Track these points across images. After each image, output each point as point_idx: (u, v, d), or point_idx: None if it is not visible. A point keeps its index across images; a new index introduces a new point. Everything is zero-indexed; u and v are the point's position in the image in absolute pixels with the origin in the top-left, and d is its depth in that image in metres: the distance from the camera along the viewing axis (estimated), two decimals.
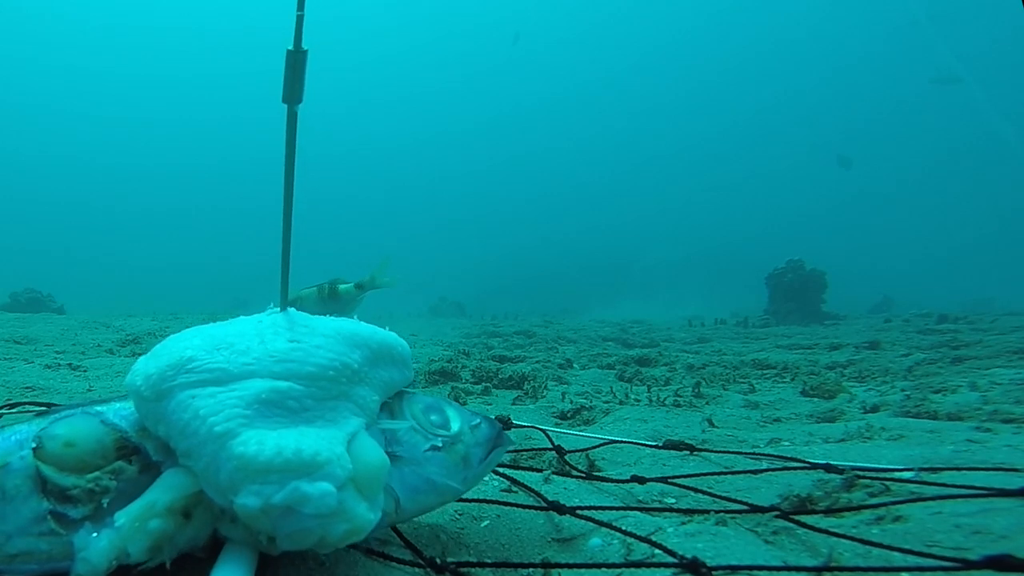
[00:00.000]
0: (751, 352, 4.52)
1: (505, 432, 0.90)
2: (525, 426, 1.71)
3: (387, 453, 0.75)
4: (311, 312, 0.88)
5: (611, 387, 2.73)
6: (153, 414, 0.72)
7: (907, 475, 1.15)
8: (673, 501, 1.11)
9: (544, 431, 1.57)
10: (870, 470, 1.16)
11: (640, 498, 1.12)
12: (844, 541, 0.86)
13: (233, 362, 0.74)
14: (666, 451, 1.44)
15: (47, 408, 0.87)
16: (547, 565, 0.79)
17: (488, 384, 2.78)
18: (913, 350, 4.20)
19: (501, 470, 1.19)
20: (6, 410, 1.66)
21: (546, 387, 2.72)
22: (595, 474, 1.29)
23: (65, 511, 0.67)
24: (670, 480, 1.16)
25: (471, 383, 2.85)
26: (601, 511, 0.98)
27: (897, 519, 0.96)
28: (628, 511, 1.01)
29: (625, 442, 1.51)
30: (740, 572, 0.74)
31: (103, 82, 42.80)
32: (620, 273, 23.65)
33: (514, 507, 1.00)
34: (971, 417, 1.86)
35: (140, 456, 0.73)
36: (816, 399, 2.40)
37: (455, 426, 0.86)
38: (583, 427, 2.05)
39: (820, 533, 0.89)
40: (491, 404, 2.45)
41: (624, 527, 0.88)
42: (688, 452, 1.41)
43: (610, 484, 1.20)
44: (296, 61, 0.78)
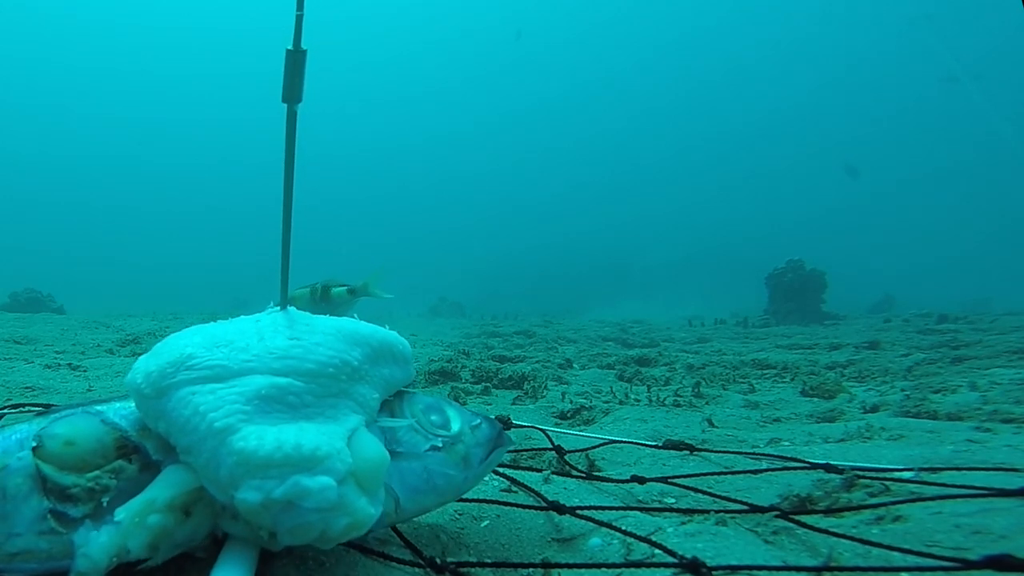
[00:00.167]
0: (751, 352, 4.51)
1: (505, 432, 0.90)
2: (525, 426, 1.71)
3: (387, 451, 0.75)
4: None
5: (611, 387, 2.73)
6: (153, 411, 0.72)
7: (907, 475, 1.15)
8: (673, 501, 1.11)
9: (544, 431, 1.57)
10: (870, 470, 1.16)
11: (640, 498, 1.12)
12: (844, 541, 0.86)
13: (233, 359, 0.74)
14: (666, 451, 1.44)
15: (47, 408, 0.87)
16: (547, 565, 0.79)
17: (488, 384, 2.78)
18: (913, 350, 4.20)
19: (501, 470, 1.19)
20: (6, 410, 1.66)
21: (546, 387, 2.72)
22: (595, 474, 1.28)
23: (65, 510, 0.67)
24: (670, 480, 1.16)
25: (471, 383, 2.85)
26: (601, 511, 0.98)
27: (897, 519, 0.96)
28: (628, 511, 1.01)
29: (625, 442, 1.51)
30: (740, 572, 0.74)
31: (103, 82, 42.85)
32: (620, 273, 23.66)
33: (514, 507, 1.00)
34: (971, 417, 1.86)
35: (140, 455, 0.73)
36: (816, 399, 2.40)
37: (455, 426, 0.86)
38: (583, 427, 2.04)
39: (820, 533, 0.89)
40: (491, 404, 2.45)
41: (624, 527, 0.88)
42: (688, 452, 1.41)
43: (610, 484, 1.20)
44: (296, 61, 0.78)
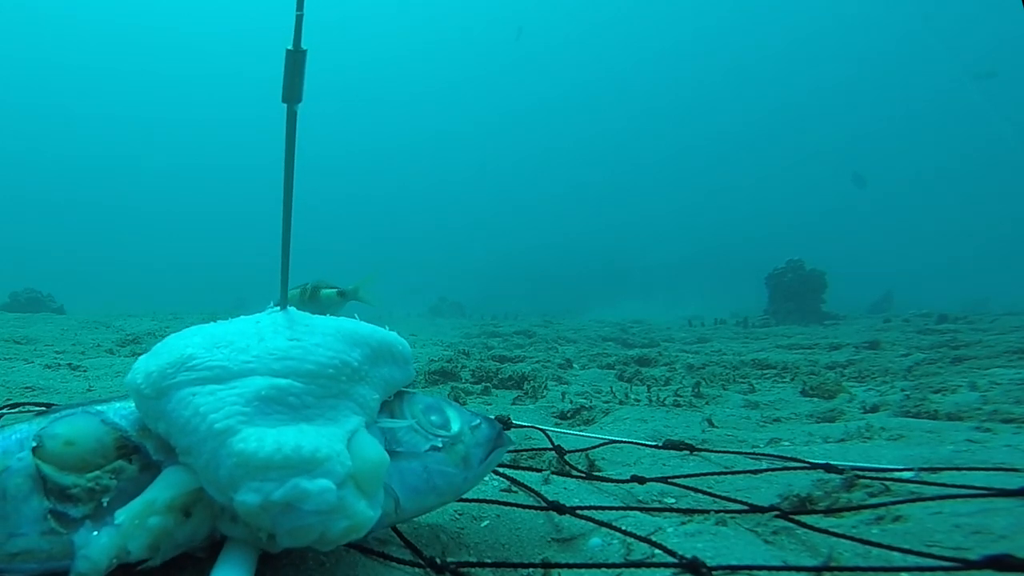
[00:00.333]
0: (751, 352, 4.52)
1: (505, 432, 0.90)
2: (525, 426, 1.71)
3: (387, 452, 0.75)
4: None
5: (611, 387, 2.73)
6: (153, 412, 0.72)
7: (907, 475, 1.15)
8: (673, 501, 1.11)
9: (544, 431, 1.57)
10: (870, 470, 1.16)
11: (640, 498, 1.12)
12: (844, 541, 0.86)
13: (233, 360, 0.74)
14: (666, 451, 1.44)
15: (47, 408, 0.87)
16: (547, 565, 0.79)
17: (488, 384, 2.78)
18: (913, 350, 4.20)
19: (501, 470, 1.19)
20: (6, 410, 1.66)
21: (546, 387, 2.72)
22: (595, 474, 1.28)
23: (65, 510, 0.67)
24: (670, 480, 1.16)
25: (471, 383, 2.85)
26: (601, 511, 0.98)
27: (897, 519, 0.96)
28: (628, 511, 1.01)
29: (625, 442, 1.51)
30: (740, 572, 0.74)
31: (103, 82, 42.84)
32: (620, 273, 23.65)
33: (514, 507, 1.00)
34: (971, 417, 1.86)
35: (140, 455, 0.73)
36: (816, 399, 2.40)
37: (455, 426, 0.86)
38: (583, 427, 2.05)
39: (820, 533, 0.89)
40: (491, 404, 2.45)
41: (624, 527, 0.88)
42: (688, 452, 1.41)
43: (610, 484, 1.20)
44: (296, 61, 0.78)
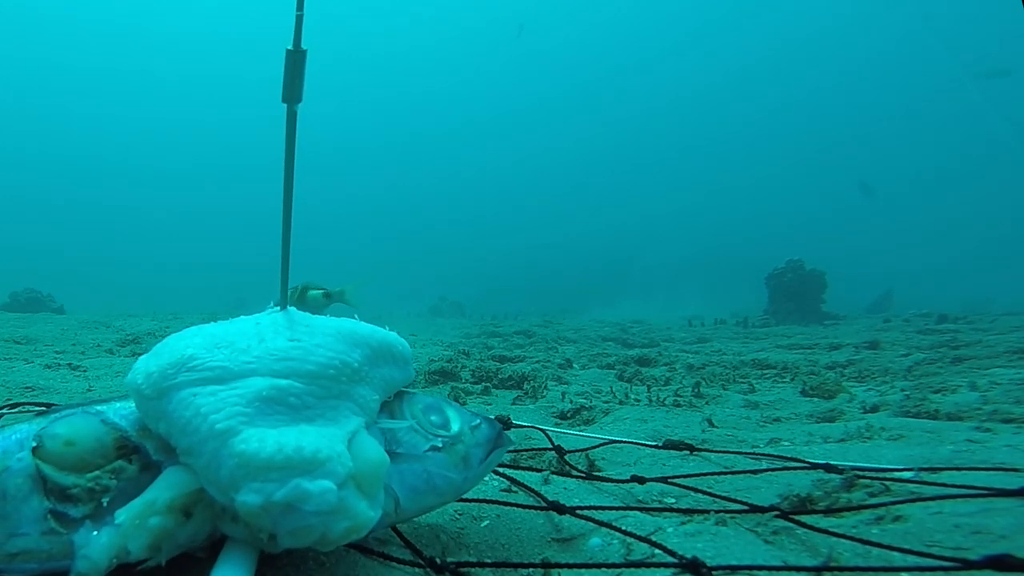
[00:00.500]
0: (751, 352, 4.52)
1: (505, 432, 0.90)
2: (525, 426, 1.71)
3: (387, 452, 0.75)
4: None
5: (611, 387, 2.73)
6: (154, 412, 0.72)
7: (907, 475, 1.15)
8: (673, 501, 1.11)
9: (544, 431, 1.57)
10: (870, 470, 1.16)
11: (640, 498, 1.12)
12: (844, 541, 0.86)
13: (234, 360, 0.74)
14: (666, 451, 1.44)
15: (47, 408, 0.87)
16: (547, 565, 0.79)
17: (488, 384, 2.78)
18: (913, 350, 4.20)
19: (501, 470, 1.19)
20: (6, 410, 1.66)
21: (546, 387, 2.72)
22: (595, 474, 1.28)
23: (65, 510, 0.67)
24: (670, 480, 1.16)
25: (471, 383, 2.85)
26: (601, 511, 0.98)
27: (897, 519, 0.96)
28: (628, 511, 1.01)
29: (625, 442, 1.51)
30: (740, 572, 0.74)
31: (104, 82, 42.83)
32: (620, 273, 23.65)
33: (514, 507, 1.00)
34: (971, 417, 1.86)
35: (140, 455, 0.73)
36: (816, 399, 2.40)
37: (455, 426, 0.86)
38: (583, 427, 2.05)
39: (820, 533, 0.89)
40: (491, 404, 2.45)
41: (624, 527, 0.88)
42: (688, 452, 1.41)
43: (610, 484, 1.20)
44: (296, 61, 0.78)
